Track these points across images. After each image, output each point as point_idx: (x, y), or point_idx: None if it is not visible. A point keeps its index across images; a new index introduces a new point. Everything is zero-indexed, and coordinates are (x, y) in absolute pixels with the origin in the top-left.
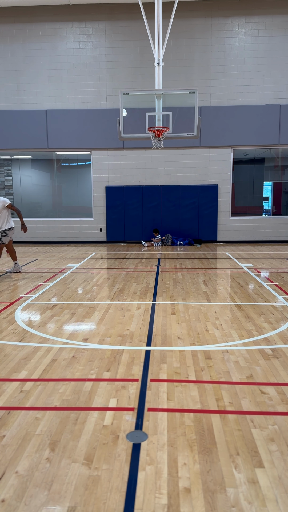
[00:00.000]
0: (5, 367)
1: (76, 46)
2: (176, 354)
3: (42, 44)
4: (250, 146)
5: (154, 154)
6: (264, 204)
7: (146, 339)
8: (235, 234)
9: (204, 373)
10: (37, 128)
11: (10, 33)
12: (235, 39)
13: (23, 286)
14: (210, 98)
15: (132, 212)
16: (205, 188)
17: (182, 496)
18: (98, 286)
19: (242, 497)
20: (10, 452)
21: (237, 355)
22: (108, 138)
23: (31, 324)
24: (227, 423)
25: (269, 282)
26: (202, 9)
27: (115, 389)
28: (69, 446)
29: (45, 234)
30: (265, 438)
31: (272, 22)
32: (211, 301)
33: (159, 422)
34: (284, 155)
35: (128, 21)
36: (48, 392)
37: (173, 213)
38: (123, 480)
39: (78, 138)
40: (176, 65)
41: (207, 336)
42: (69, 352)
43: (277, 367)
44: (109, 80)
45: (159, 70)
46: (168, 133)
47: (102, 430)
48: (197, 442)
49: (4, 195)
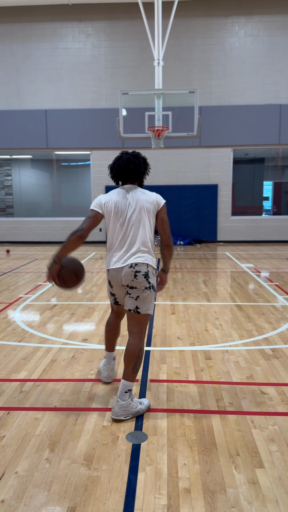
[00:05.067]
0: (4, 367)
1: (75, 45)
2: (176, 354)
3: (42, 44)
4: (250, 145)
5: (153, 154)
6: (264, 204)
7: (146, 339)
8: (235, 234)
9: (204, 373)
10: (36, 128)
11: (10, 32)
12: (235, 38)
13: (23, 286)
14: (210, 97)
15: None
16: (205, 188)
17: (182, 496)
18: (98, 286)
19: (242, 498)
20: (10, 453)
21: (237, 355)
22: (107, 137)
23: (30, 324)
24: (227, 423)
25: (269, 282)
26: (202, 9)
27: (115, 389)
28: (69, 446)
29: (45, 234)
30: (265, 438)
31: (272, 21)
32: (211, 301)
33: (159, 423)
34: (284, 155)
35: (128, 21)
36: (47, 393)
37: (173, 213)
38: (123, 481)
39: (77, 138)
40: (176, 65)
41: (207, 336)
42: (69, 352)
43: (277, 367)
44: (108, 80)
45: (159, 69)
46: (168, 133)
47: (101, 431)
48: (197, 442)
49: (4, 195)
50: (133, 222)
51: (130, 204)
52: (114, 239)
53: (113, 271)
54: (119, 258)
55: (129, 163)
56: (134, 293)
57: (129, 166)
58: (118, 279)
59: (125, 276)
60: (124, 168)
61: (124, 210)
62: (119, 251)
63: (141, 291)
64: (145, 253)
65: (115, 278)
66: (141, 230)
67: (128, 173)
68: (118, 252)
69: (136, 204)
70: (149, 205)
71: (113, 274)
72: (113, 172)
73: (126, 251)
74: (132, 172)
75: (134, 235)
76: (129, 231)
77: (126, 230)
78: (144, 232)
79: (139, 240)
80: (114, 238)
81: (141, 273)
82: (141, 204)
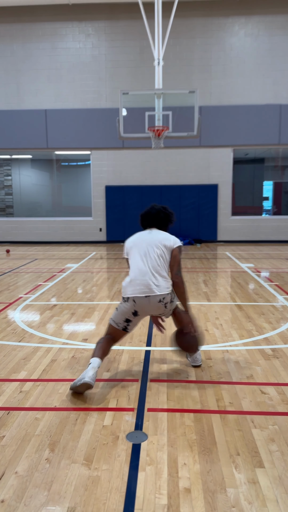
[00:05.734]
0: (4, 367)
1: (76, 45)
2: (176, 354)
3: (42, 44)
4: (250, 145)
5: (154, 153)
6: (264, 204)
7: (146, 339)
8: (235, 234)
9: (204, 373)
10: (36, 128)
11: (10, 32)
12: (235, 38)
13: (23, 286)
14: (210, 97)
15: (132, 212)
16: (205, 188)
17: (182, 496)
18: (98, 286)
19: (242, 497)
20: (10, 453)
21: (237, 355)
22: (108, 137)
23: (30, 324)
24: (227, 423)
25: (269, 282)
26: (202, 9)
27: (115, 389)
28: (69, 446)
29: (44, 234)
30: (265, 438)
31: (272, 21)
32: (211, 301)
33: (159, 422)
34: (284, 155)
35: (128, 21)
36: (47, 393)
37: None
38: (123, 481)
39: (77, 138)
40: (176, 65)
41: (207, 336)
42: (69, 352)
43: (277, 367)
44: (109, 80)
45: (159, 69)
46: (168, 133)
47: (102, 431)
48: (197, 442)
49: (4, 195)
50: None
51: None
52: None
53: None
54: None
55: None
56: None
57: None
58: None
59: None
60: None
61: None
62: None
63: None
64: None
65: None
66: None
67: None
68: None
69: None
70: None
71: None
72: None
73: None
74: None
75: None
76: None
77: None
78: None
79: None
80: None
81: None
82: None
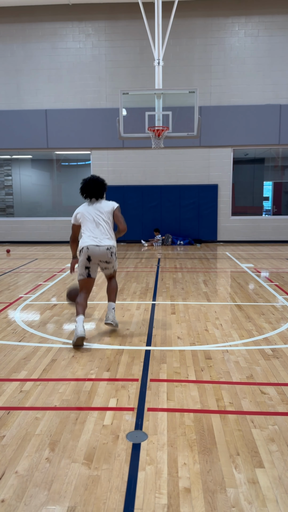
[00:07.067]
0: (5, 367)
1: (76, 45)
2: (176, 354)
3: (42, 44)
4: (250, 146)
5: (154, 153)
6: (264, 204)
7: (146, 339)
8: (235, 234)
9: (204, 373)
10: (37, 128)
11: (10, 32)
12: (235, 39)
13: (23, 286)
14: (210, 97)
15: (132, 212)
16: (205, 188)
17: (182, 496)
18: (98, 286)
19: (242, 497)
20: (10, 452)
21: (237, 355)
22: (108, 137)
23: (31, 324)
24: (227, 423)
25: (269, 282)
26: (202, 9)
27: (115, 389)
28: (69, 446)
29: (45, 234)
30: (265, 438)
31: (272, 22)
32: (211, 301)
33: (159, 422)
34: (284, 155)
35: (128, 21)
36: (48, 392)
37: (173, 213)
38: (123, 480)
39: (78, 138)
40: (176, 65)
41: (207, 336)
42: (69, 352)
43: (277, 367)
44: (109, 80)
45: (159, 69)
46: (168, 133)
47: (102, 430)
48: (197, 442)
49: (4, 195)
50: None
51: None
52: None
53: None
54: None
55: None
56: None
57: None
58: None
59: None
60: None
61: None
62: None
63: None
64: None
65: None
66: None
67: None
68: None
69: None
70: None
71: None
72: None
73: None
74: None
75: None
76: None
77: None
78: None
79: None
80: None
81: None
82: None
